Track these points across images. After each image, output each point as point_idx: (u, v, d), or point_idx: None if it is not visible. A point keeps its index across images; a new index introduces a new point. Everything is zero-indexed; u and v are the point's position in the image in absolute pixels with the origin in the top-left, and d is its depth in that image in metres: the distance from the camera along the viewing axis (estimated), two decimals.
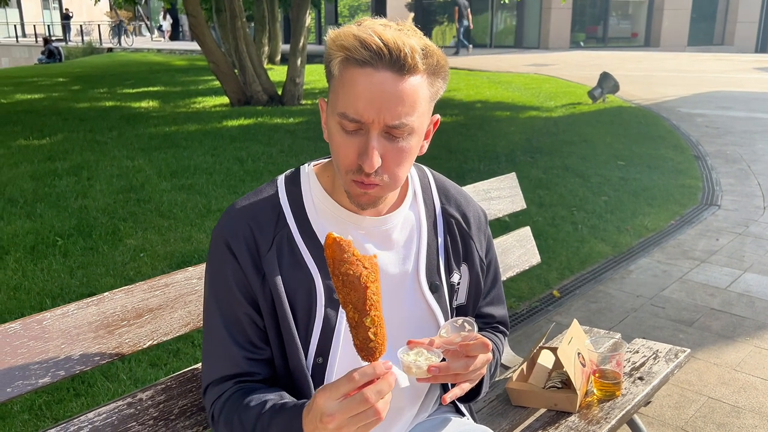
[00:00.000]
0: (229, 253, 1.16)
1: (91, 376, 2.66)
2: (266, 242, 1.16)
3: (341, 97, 1.05)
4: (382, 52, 1.01)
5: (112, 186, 5.22)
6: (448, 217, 1.30)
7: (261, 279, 1.15)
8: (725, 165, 6.37)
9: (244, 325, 1.17)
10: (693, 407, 2.57)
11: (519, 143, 7.02)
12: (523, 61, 17.07)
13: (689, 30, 24.34)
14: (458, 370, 1.10)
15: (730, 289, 3.64)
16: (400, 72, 1.02)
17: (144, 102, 10.28)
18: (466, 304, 1.33)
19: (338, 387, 0.93)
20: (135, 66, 18.01)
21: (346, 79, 1.04)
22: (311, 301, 1.17)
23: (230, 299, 1.17)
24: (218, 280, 1.18)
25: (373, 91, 1.02)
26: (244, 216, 1.18)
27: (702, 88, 11.66)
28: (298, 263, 1.17)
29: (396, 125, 1.04)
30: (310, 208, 1.20)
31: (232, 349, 1.17)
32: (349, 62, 1.03)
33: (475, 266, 1.32)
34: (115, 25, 29.75)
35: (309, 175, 1.23)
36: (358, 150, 1.06)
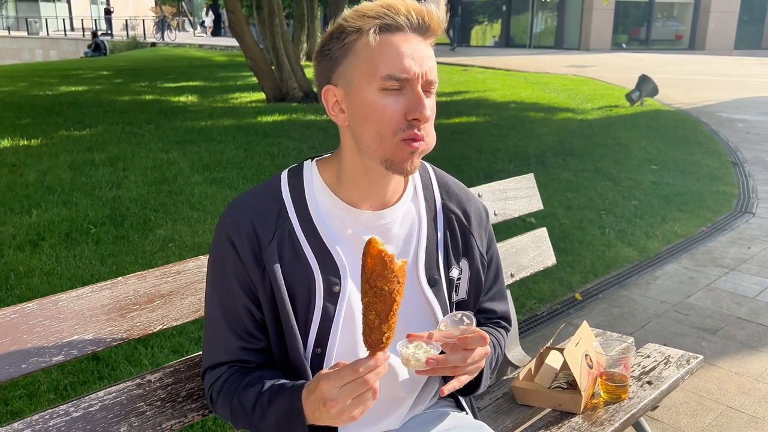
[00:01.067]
0: (231, 246, 1.19)
1: (115, 360, 2.75)
2: (267, 235, 1.19)
3: (382, 62, 1.10)
4: (411, 16, 1.11)
5: (146, 177, 5.35)
6: (448, 213, 1.32)
7: (261, 271, 1.18)
8: (763, 172, 6.22)
9: (241, 316, 1.21)
10: (710, 416, 2.54)
11: (551, 145, 6.96)
12: (562, 62, 16.88)
13: (736, 33, 23.73)
14: (456, 362, 1.12)
15: (759, 298, 3.57)
16: (425, 35, 1.13)
17: (183, 96, 10.48)
18: (467, 300, 1.35)
19: (343, 377, 0.99)
20: (176, 61, 18.35)
21: (383, 44, 1.10)
22: (310, 294, 1.20)
23: (229, 291, 1.21)
24: (219, 272, 1.22)
25: (413, 49, 1.11)
26: (247, 210, 1.21)
27: (746, 93, 11.38)
28: (298, 257, 1.19)
29: (432, 80, 1.13)
30: (311, 202, 1.23)
31: (229, 338, 1.21)
32: (383, 30, 1.10)
33: (476, 262, 1.34)
34: (159, 20, 30.35)
35: (312, 170, 1.25)
36: (406, 106, 1.11)
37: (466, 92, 10.94)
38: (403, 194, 1.27)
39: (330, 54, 1.15)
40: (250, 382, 1.18)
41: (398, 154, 1.13)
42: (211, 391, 1.25)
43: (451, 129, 7.67)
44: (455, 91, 11.19)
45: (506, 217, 2.20)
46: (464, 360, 1.12)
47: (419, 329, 1.24)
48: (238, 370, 1.23)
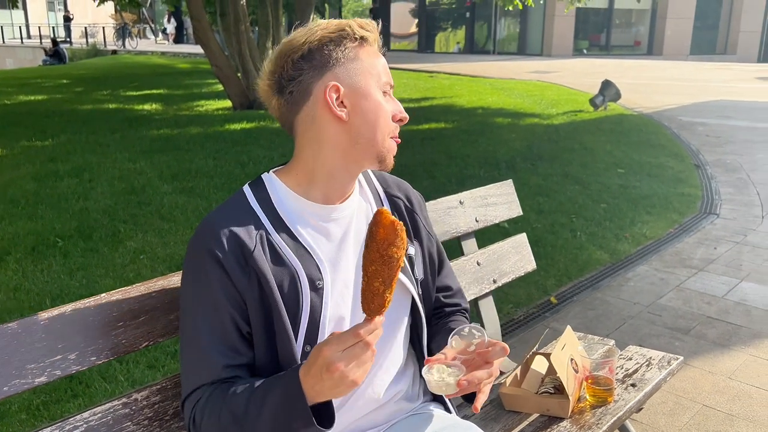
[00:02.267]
0: (213, 259, 1.19)
1: (88, 377, 2.68)
2: (251, 242, 1.22)
3: (382, 71, 1.28)
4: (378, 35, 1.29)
5: (113, 188, 5.25)
6: (393, 199, 1.42)
7: (248, 278, 1.19)
8: (725, 174, 6.39)
9: (227, 330, 1.20)
10: (687, 415, 2.58)
11: (519, 150, 7.04)
12: (525, 68, 17.11)
13: (692, 39, 24.38)
14: (483, 378, 1.19)
15: (727, 297, 3.65)
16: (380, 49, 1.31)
17: (147, 105, 10.32)
18: (425, 278, 1.43)
19: (345, 341, 1.02)
20: (139, 68, 18.07)
21: (374, 57, 1.28)
22: (297, 292, 1.23)
23: (214, 306, 1.19)
24: (201, 289, 1.20)
25: (385, 62, 1.30)
26: (225, 223, 1.22)
27: (704, 97, 11.68)
28: (280, 259, 1.23)
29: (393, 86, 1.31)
30: (279, 207, 1.28)
31: (213, 356, 1.19)
32: (368, 43, 1.27)
33: (424, 241, 1.44)
34: (119, 27, 29.87)
35: (272, 180, 1.31)
36: (395, 109, 1.29)
37: (434, 98, 11.00)
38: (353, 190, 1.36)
39: (328, 54, 1.24)
40: (237, 389, 1.16)
41: (390, 150, 1.28)
42: (193, 413, 1.19)
43: (420, 135, 7.70)
44: (422, 97, 11.25)
45: (487, 224, 2.21)
46: (490, 375, 1.20)
47: (396, 305, 1.33)
48: (222, 385, 1.19)
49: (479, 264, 2.13)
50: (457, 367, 1.15)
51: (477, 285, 2.10)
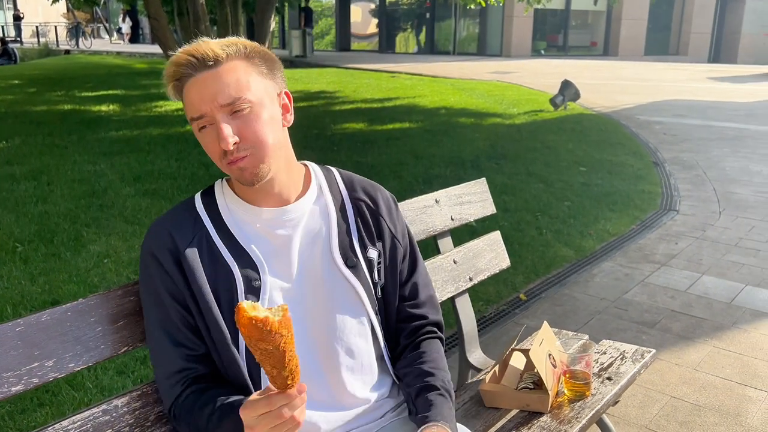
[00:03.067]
0: (154, 260, 1.27)
1: (55, 385, 2.60)
2: (185, 241, 1.27)
3: (186, 110, 1.24)
4: (191, 61, 1.21)
5: (73, 191, 5.11)
6: (356, 201, 1.41)
7: (184, 277, 1.26)
8: (682, 171, 6.56)
9: (178, 325, 1.27)
10: (656, 406, 2.64)
11: (484, 149, 7.10)
12: (485, 68, 17.28)
13: (646, 40, 24.98)
14: None
15: (690, 291, 3.75)
16: (212, 66, 1.21)
17: (104, 105, 10.08)
18: (385, 284, 1.41)
19: (256, 407, 1.04)
20: (93, 69, 17.64)
21: (184, 96, 1.24)
22: (232, 291, 1.26)
23: (162, 303, 1.27)
24: (149, 289, 1.28)
25: (201, 88, 1.21)
26: (164, 225, 1.30)
27: (659, 96, 11.98)
28: (217, 259, 1.28)
29: (230, 102, 1.20)
30: (223, 209, 1.33)
31: (172, 349, 1.27)
32: (178, 85, 1.24)
33: (387, 244, 1.42)
34: (72, 26, 29.14)
35: (222, 185, 1.37)
36: (216, 138, 1.22)
37: (397, 98, 11.02)
38: (306, 193, 1.37)
39: None
40: (204, 401, 1.23)
41: (232, 173, 1.26)
42: (173, 407, 1.28)
43: (385, 135, 7.70)
44: (386, 97, 11.26)
45: (463, 222, 2.22)
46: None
47: (345, 310, 1.34)
48: (194, 389, 1.26)
49: (455, 262, 2.14)
50: None
51: (454, 283, 2.11)
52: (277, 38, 27.14)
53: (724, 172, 6.51)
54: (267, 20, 9.98)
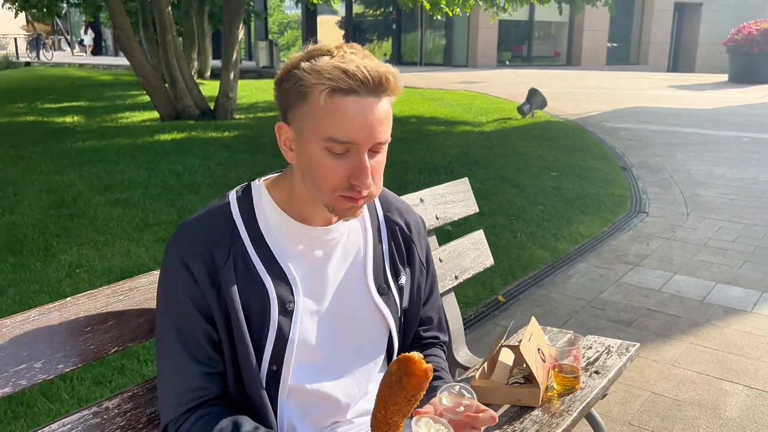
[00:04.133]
0: (185, 269, 1.18)
1: (29, 396, 2.52)
2: (222, 256, 1.19)
3: (329, 124, 1.10)
4: (367, 80, 1.10)
5: (41, 201, 4.99)
6: (391, 224, 1.37)
7: (216, 291, 1.18)
8: (649, 175, 6.69)
9: (199, 339, 1.19)
10: (638, 402, 2.67)
11: (456, 156, 7.16)
12: (452, 78, 17.44)
13: (607, 50, 25.52)
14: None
15: (663, 290, 3.82)
16: (379, 95, 1.12)
17: (68, 117, 9.90)
18: (408, 308, 1.39)
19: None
20: (56, 81, 17.31)
21: (333, 107, 1.10)
22: (265, 312, 1.21)
23: (186, 315, 1.19)
24: (172, 297, 1.20)
25: (364, 116, 1.10)
26: (200, 231, 1.21)
27: (623, 104, 12.22)
28: (252, 275, 1.21)
29: (382, 141, 1.14)
30: (262, 221, 1.24)
31: (188, 363, 1.19)
32: (335, 92, 1.09)
33: (416, 269, 1.40)
34: (32, 38, 28.58)
35: (260, 190, 1.27)
36: (350, 170, 1.13)
37: None
38: None
39: (286, 92, 1.16)
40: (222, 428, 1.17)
41: (338, 205, 1.18)
42: (176, 427, 1.20)
43: None
44: None
45: (447, 221, 2.23)
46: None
47: (372, 337, 1.33)
48: (204, 414, 1.19)
49: (441, 261, 2.14)
50: (445, 425, 1.13)
51: (440, 282, 2.10)
52: (244, 49, 27.01)
53: (690, 175, 6.67)
54: (234, 31, 9.93)
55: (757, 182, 6.37)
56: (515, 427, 1.69)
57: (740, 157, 7.57)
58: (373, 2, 25.05)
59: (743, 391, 2.74)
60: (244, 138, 7.99)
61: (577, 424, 1.78)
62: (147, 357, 2.84)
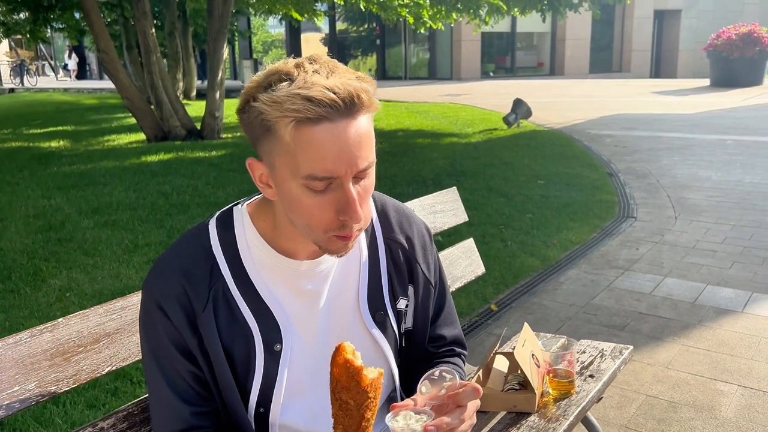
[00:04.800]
0: (162, 313, 1.11)
1: (22, 422, 2.49)
2: (201, 300, 1.11)
3: (303, 160, 0.97)
4: (336, 103, 0.95)
5: (29, 226, 4.96)
6: (390, 243, 1.26)
7: (197, 338, 1.12)
8: (636, 180, 6.75)
9: (187, 380, 1.14)
10: (633, 406, 2.68)
11: (443, 167, 7.19)
12: (437, 91, 17.55)
13: (590, 58, 25.78)
14: (453, 423, 1.04)
15: (654, 293, 3.84)
16: (354, 116, 0.98)
17: (54, 141, 9.87)
18: (413, 329, 1.31)
19: None
20: (41, 106, 17.27)
21: (303, 140, 0.96)
22: (249, 355, 1.14)
23: (169, 357, 1.13)
24: (153, 339, 1.14)
25: (339, 144, 0.96)
26: (175, 272, 1.11)
27: (607, 111, 12.34)
28: (235, 316, 1.13)
29: (365, 167, 1.01)
30: (245, 255, 1.15)
31: (178, 404, 1.13)
32: (302, 123, 0.95)
33: (420, 289, 1.29)
34: (16, 65, 28.53)
35: (243, 218, 1.16)
36: (337, 206, 1.01)
37: None
38: None
39: (250, 125, 1.01)
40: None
41: (331, 246, 1.06)
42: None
43: None
44: None
45: (436, 230, 2.24)
46: (461, 418, 1.05)
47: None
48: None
49: None
50: (426, 413, 1.04)
51: None
52: (229, 69, 27.08)
53: (676, 179, 6.73)
54: (219, 50, 9.96)
55: (742, 184, 6.44)
56: None
57: (724, 159, 7.65)
58: (357, 18, 25.21)
59: (738, 391, 2.76)
60: (231, 157, 7.99)
61: (573, 428, 1.79)
62: (140, 378, 2.82)
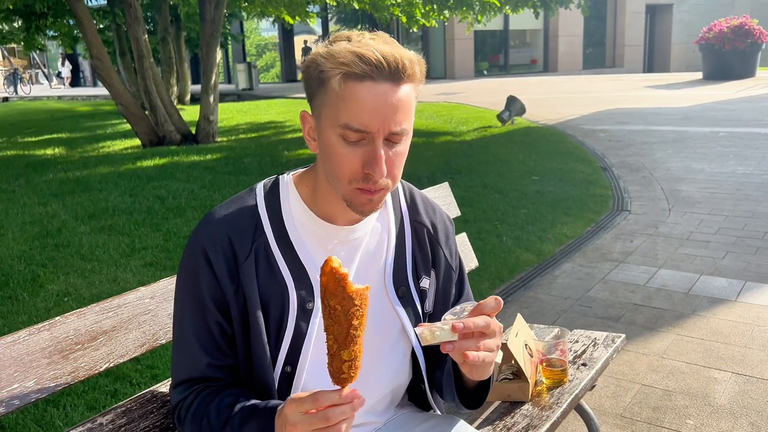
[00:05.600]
0: (204, 260, 1.17)
1: (22, 425, 2.51)
2: (244, 251, 1.18)
3: (343, 111, 1.07)
4: (382, 65, 1.05)
5: (25, 233, 4.98)
6: (416, 225, 1.33)
7: (235, 287, 1.17)
8: (630, 174, 6.78)
9: (212, 332, 1.19)
10: (629, 395, 2.71)
11: (438, 165, 7.22)
12: (431, 90, 17.57)
13: (583, 54, 25.85)
14: (480, 324, 1.05)
15: (649, 285, 3.87)
16: (398, 82, 1.07)
17: (49, 149, 9.87)
18: (433, 312, 1.34)
19: (303, 403, 0.96)
20: (35, 114, 17.26)
21: (347, 93, 1.07)
22: (284, 310, 1.19)
23: (201, 306, 1.18)
24: (190, 287, 1.19)
25: (377, 102, 1.06)
26: (224, 224, 1.19)
27: (600, 106, 12.38)
28: (273, 273, 1.19)
29: (398, 132, 1.09)
30: (288, 217, 1.22)
31: (198, 354, 1.19)
32: (349, 77, 1.06)
33: (442, 274, 1.34)
34: (9, 73, 28.50)
35: (288, 185, 1.25)
36: (364, 159, 1.09)
37: None
38: None
39: (308, 80, 1.14)
40: (221, 402, 1.15)
41: (354, 199, 1.13)
42: (179, 408, 1.21)
43: None
44: None
45: None
46: (487, 325, 1.05)
47: (389, 341, 1.27)
48: (208, 388, 1.19)
49: None
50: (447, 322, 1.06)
51: None
52: (223, 72, 27.08)
53: (669, 172, 6.76)
54: (212, 54, 9.97)
55: (735, 175, 6.47)
56: (506, 422, 1.72)
57: (717, 151, 7.70)
58: (350, 18, 25.23)
59: (731, 378, 2.79)
60: (226, 160, 8.00)
61: (567, 416, 1.81)
62: (140, 380, 2.84)
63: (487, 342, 1.07)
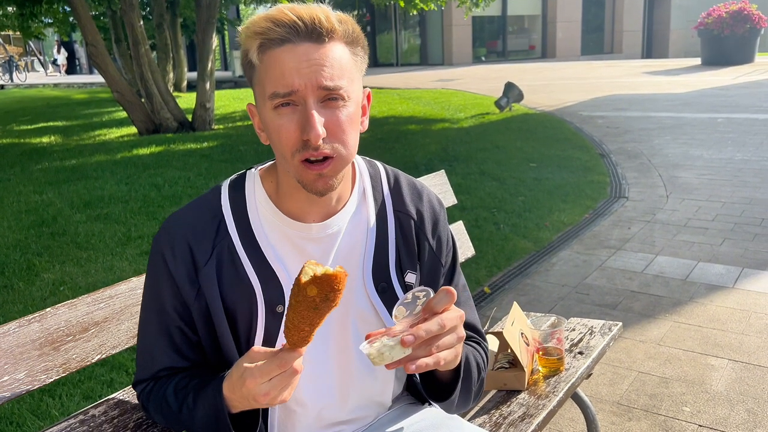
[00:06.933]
0: (164, 265, 1.15)
1: (19, 415, 2.51)
2: (204, 254, 1.14)
3: (268, 81, 1.03)
4: (297, 24, 1.01)
5: (21, 222, 4.95)
6: (400, 215, 1.24)
7: (195, 293, 1.14)
8: (628, 160, 6.76)
9: (173, 336, 1.18)
10: (626, 382, 2.71)
11: (435, 153, 7.19)
12: (429, 77, 17.49)
13: (581, 40, 25.72)
14: (432, 329, 0.98)
15: (646, 272, 3.86)
16: (320, 40, 1.02)
17: (45, 137, 9.82)
18: None
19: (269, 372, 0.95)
20: (30, 102, 17.17)
21: (269, 62, 1.03)
22: (252, 314, 1.15)
23: (162, 311, 1.18)
24: (152, 291, 1.19)
25: (298, 61, 1.01)
26: (182, 227, 1.15)
27: (598, 92, 12.33)
28: (239, 275, 1.14)
29: (330, 87, 1.02)
30: (253, 215, 1.17)
31: (157, 356, 1.20)
32: (266, 46, 1.03)
33: (425, 265, 1.26)
34: (4, 61, 28.33)
35: (254, 180, 1.19)
36: (299, 124, 1.03)
37: None
38: (348, 200, 1.20)
39: (244, 69, 1.11)
40: (177, 383, 1.18)
41: (303, 175, 1.06)
42: (142, 399, 1.24)
43: None
44: None
45: None
46: (441, 325, 0.98)
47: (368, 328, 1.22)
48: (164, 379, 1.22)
49: None
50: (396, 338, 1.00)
51: None
52: (219, 60, 26.94)
53: (667, 158, 6.75)
54: (208, 40, 9.90)
55: (733, 161, 6.46)
56: (502, 410, 1.71)
57: (715, 138, 7.67)
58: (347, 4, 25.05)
59: (728, 365, 2.79)
60: (223, 147, 7.97)
61: (563, 404, 1.81)
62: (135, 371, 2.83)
63: (444, 341, 1.00)
